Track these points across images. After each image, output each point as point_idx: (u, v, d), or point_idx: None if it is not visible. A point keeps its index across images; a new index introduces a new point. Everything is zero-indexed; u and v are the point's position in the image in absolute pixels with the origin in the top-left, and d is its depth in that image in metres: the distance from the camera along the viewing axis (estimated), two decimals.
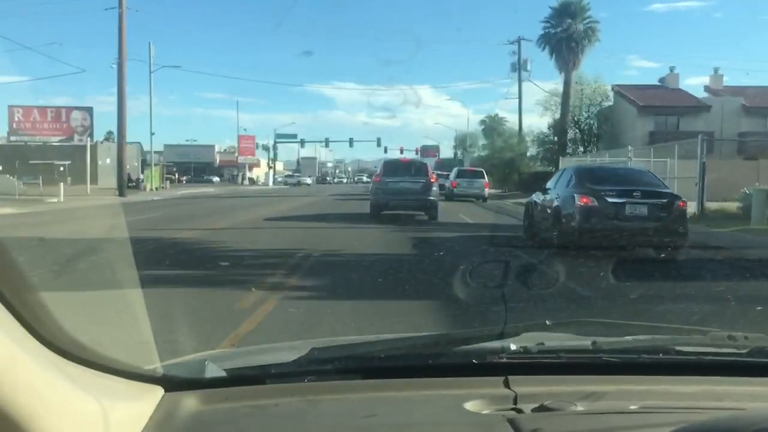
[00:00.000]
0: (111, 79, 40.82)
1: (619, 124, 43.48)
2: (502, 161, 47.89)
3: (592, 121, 46.76)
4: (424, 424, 1.34)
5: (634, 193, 10.87)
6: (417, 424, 1.34)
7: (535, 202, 13.29)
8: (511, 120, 71.55)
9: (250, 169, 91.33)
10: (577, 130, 46.74)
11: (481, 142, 78.09)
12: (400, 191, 17.98)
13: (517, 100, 51.21)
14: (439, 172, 34.94)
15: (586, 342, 1.63)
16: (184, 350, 3.89)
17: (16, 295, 0.96)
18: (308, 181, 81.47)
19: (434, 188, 18.53)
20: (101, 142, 55.50)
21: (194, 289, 7.16)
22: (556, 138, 46.00)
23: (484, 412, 1.35)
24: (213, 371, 1.49)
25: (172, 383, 1.40)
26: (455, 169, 38.16)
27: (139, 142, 56.31)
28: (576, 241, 10.83)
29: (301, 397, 1.41)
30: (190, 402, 1.35)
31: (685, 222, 11.07)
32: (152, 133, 55.98)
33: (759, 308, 6.75)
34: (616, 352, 1.60)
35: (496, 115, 78.29)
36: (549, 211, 11.94)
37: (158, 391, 1.35)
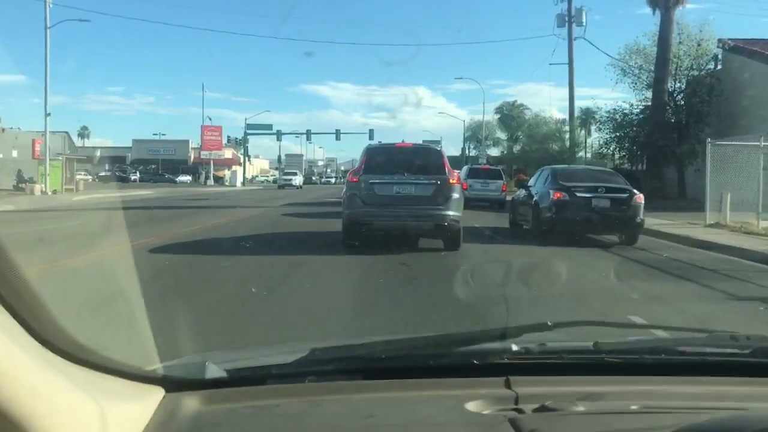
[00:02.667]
0: (110, 77, 35.00)
1: (741, 96, 27.55)
2: (548, 156, 35.33)
3: (696, 92, 29.88)
4: (426, 424, 1.34)
5: (599, 189, 13.00)
6: (418, 425, 1.34)
7: (519, 198, 15.68)
8: (532, 109, 60.56)
9: (229, 166, 79.87)
10: (672, 106, 30.53)
11: (498, 134, 67.44)
12: (395, 200, 10.50)
13: (567, 66, 34.56)
14: None
15: (587, 343, 1.63)
16: (185, 351, 3.81)
17: (16, 295, 0.95)
18: (296, 182, 61.96)
19: (455, 195, 10.67)
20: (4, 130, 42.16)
21: None
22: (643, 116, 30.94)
23: (485, 412, 1.35)
24: (213, 372, 1.49)
25: (172, 384, 1.39)
26: (466, 168, 30.74)
27: (66, 132, 45.15)
28: (550, 228, 13.11)
29: (302, 398, 1.41)
30: (190, 402, 1.35)
31: (641, 213, 12.92)
32: (47, 114, 34.04)
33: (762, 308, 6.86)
34: (617, 353, 1.61)
35: (515, 101, 65.79)
36: (530, 204, 14.19)
37: (159, 392, 1.35)
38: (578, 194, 12.87)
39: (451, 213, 10.48)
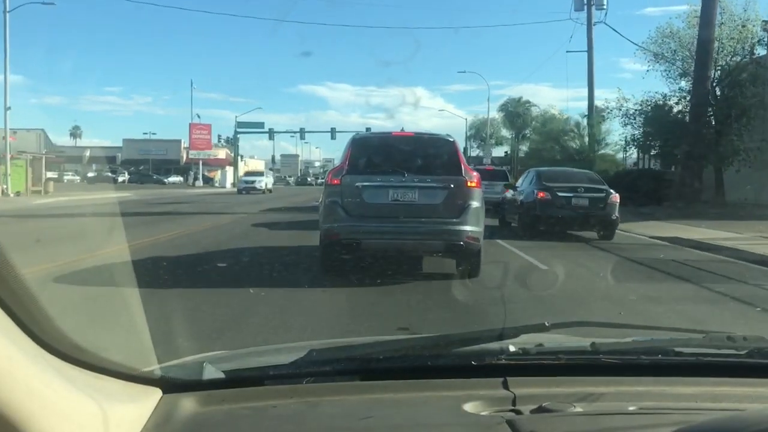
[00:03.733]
0: (108, 78, 33.38)
1: None
2: (564, 154, 32.25)
3: (739, 81, 25.90)
4: (423, 425, 1.34)
5: (579, 189, 14.38)
6: (416, 426, 1.34)
7: (508, 198, 17.13)
8: (540, 106, 58.28)
9: (223, 167, 73.64)
10: (713, 96, 26.09)
11: (503, 132, 65.09)
12: (392, 210, 7.85)
13: (586, 54, 31.11)
14: None
15: (584, 343, 1.64)
16: (183, 352, 3.71)
17: (14, 296, 0.95)
18: (262, 185, 47.76)
19: (474, 203, 7.98)
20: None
21: None
22: (683, 107, 27.11)
23: (483, 413, 1.35)
24: (211, 373, 1.49)
25: (170, 385, 1.39)
26: None
27: (42, 129, 42.45)
28: (535, 225, 14.33)
29: (300, 399, 1.41)
30: (188, 403, 1.35)
31: (616, 211, 14.24)
32: (7, 108, 31.32)
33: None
34: (614, 354, 1.61)
35: (520, 98, 62.55)
36: (517, 203, 15.67)
37: (156, 393, 1.35)
38: (559, 194, 14.22)
39: (468, 228, 7.71)
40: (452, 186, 7.83)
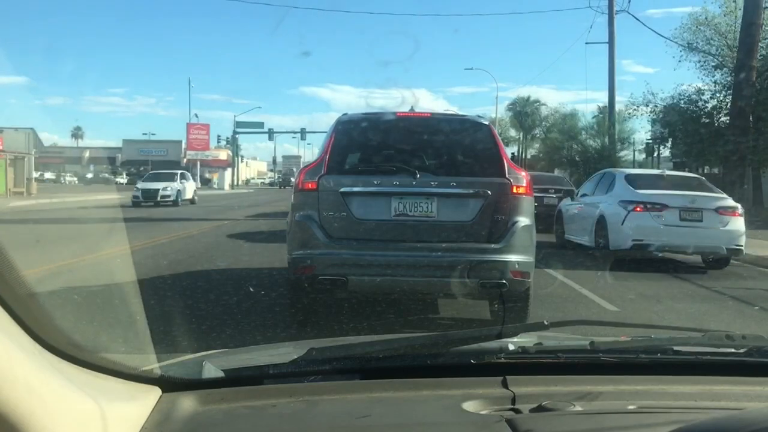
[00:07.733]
0: (113, 78, 31.92)
1: None
2: (585, 155, 30.35)
3: None
4: (423, 424, 1.34)
5: (549, 190, 17.57)
6: (415, 425, 1.34)
7: None
8: (549, 104, 57.37)
9: (225, 168, 71.82)
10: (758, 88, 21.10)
11: (511, 132, 65.14)
12: (396, 230, 5.33)
13: (607, 45, 27.00)
14: None
15: (584, 342, 1.64)
16: (182, 350, 3.70)
17: (14, 295, 0.95)
18: (171, 192, 29.36)
19: (523, 219, 5.38)
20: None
21: None
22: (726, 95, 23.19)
23: (483, 412, 1.35)
24: (211, 372, 1.49)
25: (169, 384, 1.39)
26: None
27: (32, 129, 40.84)
28: None
29: (299, 398, 1.41)
30: (187, 402, 1.35)
31: None
32: None
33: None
34: (613, 352, 1.61)
35: (529, 97, 62.24)
36: None
37: (156, 392, 1.35)
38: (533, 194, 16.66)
39: (514, 258, 5.25)
40: (490, 193, 5.35)
